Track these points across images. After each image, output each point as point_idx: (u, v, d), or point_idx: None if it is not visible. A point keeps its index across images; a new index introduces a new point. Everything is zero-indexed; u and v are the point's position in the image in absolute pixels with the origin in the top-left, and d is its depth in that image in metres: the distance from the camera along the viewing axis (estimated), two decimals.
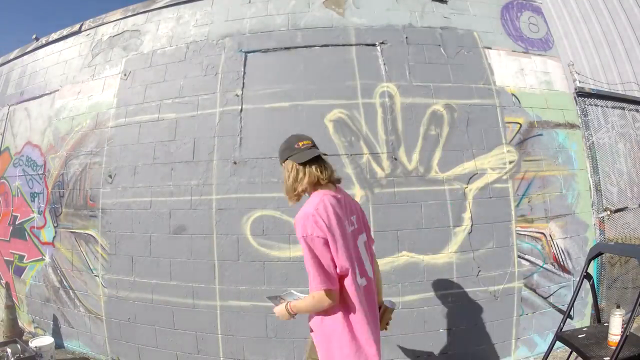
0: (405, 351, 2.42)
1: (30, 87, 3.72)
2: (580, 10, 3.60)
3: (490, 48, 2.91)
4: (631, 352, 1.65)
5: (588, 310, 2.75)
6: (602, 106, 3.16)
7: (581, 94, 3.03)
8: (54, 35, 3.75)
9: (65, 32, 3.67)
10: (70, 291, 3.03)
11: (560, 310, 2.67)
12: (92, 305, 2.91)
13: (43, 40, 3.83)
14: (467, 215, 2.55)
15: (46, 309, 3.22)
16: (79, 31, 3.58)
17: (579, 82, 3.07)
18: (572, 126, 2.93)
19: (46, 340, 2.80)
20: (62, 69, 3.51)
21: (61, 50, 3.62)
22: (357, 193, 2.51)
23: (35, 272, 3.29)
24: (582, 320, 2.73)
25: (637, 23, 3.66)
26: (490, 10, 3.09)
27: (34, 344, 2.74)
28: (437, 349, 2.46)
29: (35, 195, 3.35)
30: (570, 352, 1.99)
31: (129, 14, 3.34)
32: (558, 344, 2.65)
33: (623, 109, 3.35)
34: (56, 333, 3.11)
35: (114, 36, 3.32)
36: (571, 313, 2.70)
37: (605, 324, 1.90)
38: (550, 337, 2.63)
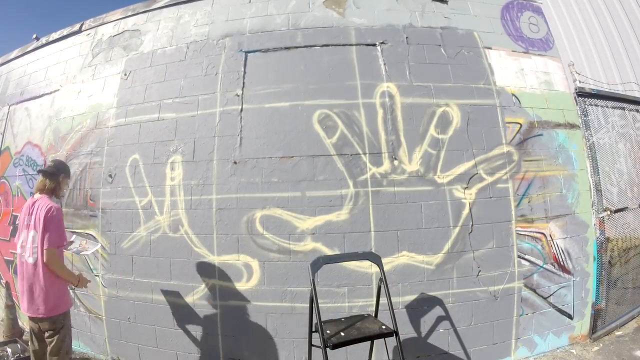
0: (405, 351, 2.42)
1: (31, 86, 3.72)
2: (581, 11, 3.60)
3: (491, 48, 2.91)
4: None
5: (588, 311, 2.75)
6: (602, 106, 3.16)
7: (581, 94, 3.03)
8: (54, 35, 3.75)
9: (65, 31, 3.67)
10: (70, 291, 3.03)
11: (560, 311, 2.68)
12: (92, 305, 2.91)
13: (43, 40, 3.83)
14: (467, 215, 2.55)
15: None
16: (79, 31, 3.59)
17: (579, 82, 3.07)
18: (572, 126, 2.93)
19: None
20: (62, 69, 3.51)
21: (61, 50, 3.62)
22: (357, 192, 2.50)
23: None
24: (582, 320, 2.73)
25: (637, 23, 3.67)
26: (490, 10, 3.09)
27: None
28: (437, 349, 2.46)
29: None
30: None
31: (130, 13, 3.34)
32: (558, 343, 2.67)
33: (623, 109, 3.35)
34: None
35: (114, 36, 3.33)
36: (571, 313, 2.71)
37: None
38: (551, 337, 2.64)
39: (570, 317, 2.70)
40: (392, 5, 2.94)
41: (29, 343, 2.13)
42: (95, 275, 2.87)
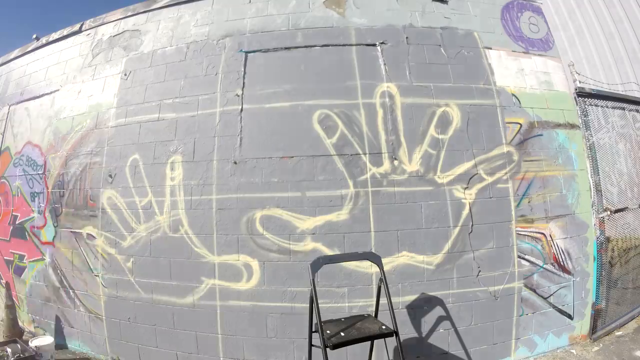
0: (406, 351, 2.42)
1: (31, 86, 3.72)
2: (581, 10, 3.60)
3: (491, 48, 2.92)
4: None
5: (588, 311, 2.75)
6: (602, 106, 3.16)
7: (581, 94, 3.03)
8: (54, 35, 3.75)
9: (65, 31, 3.67)
10: (71, 291, 3.03)
11: (560, 311, 2.68)
12: (92, 305, 2.91)
13: (43, 40, 3.83)
14: (467, 216, 2.55)
15: (46, 309, 3.22)
16: (79, 31, 3.59)
17: (579, 82, 3.07)
18: (573, 126, 2.93)
19: (46, 339, 2.80)
20: (62, 69, 3.51)
21: (61, 50, 3.62)
22: (357, 192, 2.50)
23: (35, 272, 3.29)
24: (582, 320, 2.73)
25: (637, 23, 3.67)
26: (490, 10, 3.09)
27: (34, 343, 2.74)
28: (437, 349, 2.46)
29: (36, 194, 3.35)
30: None
31: (130, 13, 3.34)
32: (558, 343, 2.67)
33: (623, 109, 3.35)
34: (56, 333, 3.11)
35: (114, 36, 3.33)
36: (571, 313, 2.72)
37: None
38: (551, 337, 2.64)
39: (570, 317, 2.70)
40: (392, 6, 2.94)
41: None
42: (96, 275, 2.87)
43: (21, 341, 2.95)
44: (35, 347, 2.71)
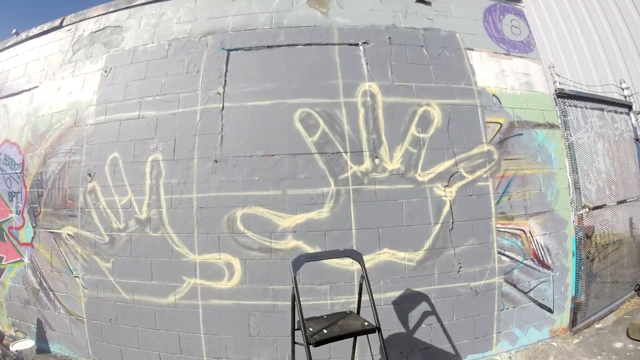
0: (389, 347, 2.43)
1: (9, 83, 3.62)
2: (562, 14, 3.68)
3: (472, 49, 2.96)
4: None
5: (568, 304, 2.82)
6: (581, 107, 3.25)
7: (561, 95, 3.10)
8: (34, 30, 3.67)
9: (45, 27, 3.59)
10: (50, 293, 2.97)
11: (540, 305, 2.73)
12: (73, 307, 2.85)
13: (23, 35, 3.74)
14: (447, 213, 2.58)
15: (26, 312, 3.14)
16: (59, 26, 3.51)
17: (559, 83, 3.14)
18: (552, 126, 2.99)
19: (27, 343, 2.74)
20: (41, 65, 3.43)
21: (41, 45, 3.53)
22: (338, 190, 2.51)
23: (14, 274, 3.21)
24: (562, 314, 2.79)
25: (617, 27, 3.77)
26: (473, 12, 3.13)
27: (15, 347, 2.68)
28: (420, 344, 2.48)
29: (14, 194, 3.27)
30: None
31: (111, 9, 3.28)
32: (539, 336, 2.73)
33: (602, 110, 3.44)
34: (37, 336, 3.04)
35: (95, 32, 3.27)
36: (551, 307, 2.78)
37: None
38: (532, 330, 2.70)
39: (550, 311, 2.76)
40: (376, 6, 2.95)
41: None
42: (75, 277, 2.82)
43: (2, 345, 2.88)
44: (17, 351, 2.65)
